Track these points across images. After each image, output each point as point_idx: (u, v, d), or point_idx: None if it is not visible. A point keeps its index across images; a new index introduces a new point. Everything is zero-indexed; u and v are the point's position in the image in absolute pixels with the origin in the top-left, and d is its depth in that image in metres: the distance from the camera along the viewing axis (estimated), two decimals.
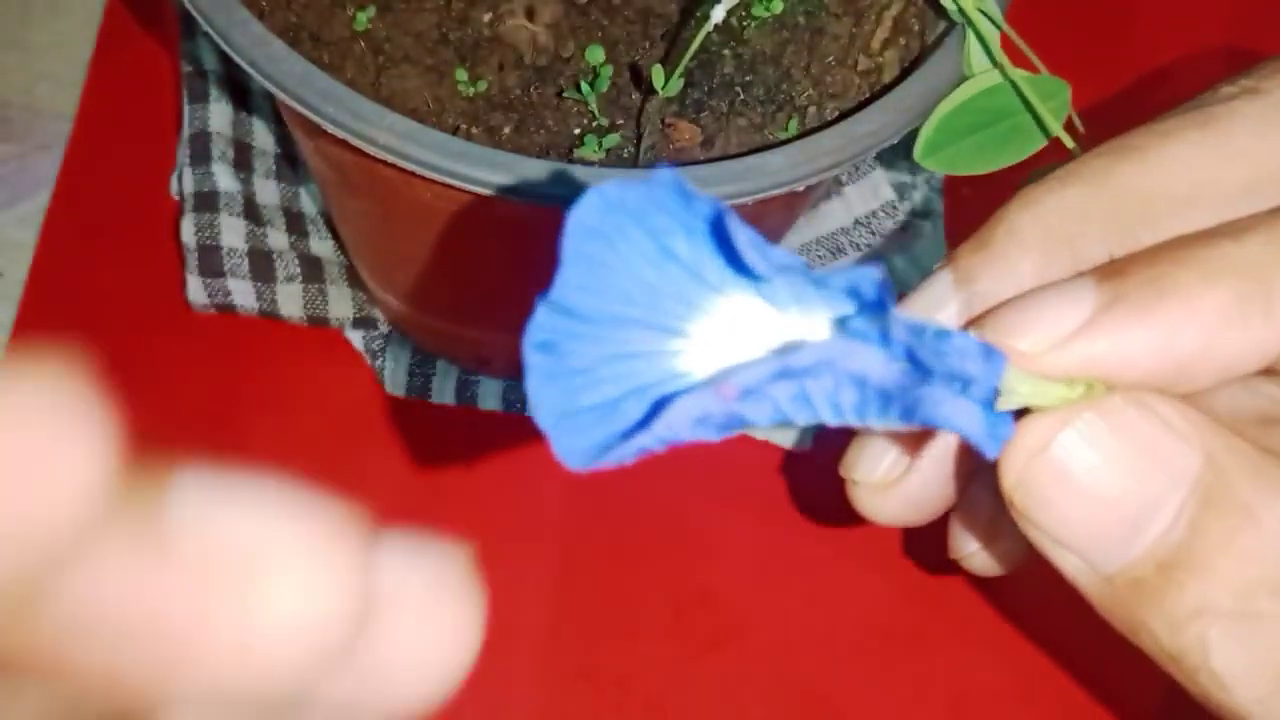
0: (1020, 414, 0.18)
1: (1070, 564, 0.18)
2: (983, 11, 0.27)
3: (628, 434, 0.16)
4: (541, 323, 0.17)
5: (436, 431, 0.41)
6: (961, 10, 0.28)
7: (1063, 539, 0.18)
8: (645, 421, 0.16)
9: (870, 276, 0.15)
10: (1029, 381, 0.17)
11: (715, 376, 0.16)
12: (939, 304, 0.20)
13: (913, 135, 0.28)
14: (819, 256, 0.43)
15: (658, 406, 0.16)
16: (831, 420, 0.16)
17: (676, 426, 0.16)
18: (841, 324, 0.16)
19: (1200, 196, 0.19)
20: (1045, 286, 0.19)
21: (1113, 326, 0.17)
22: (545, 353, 0.17)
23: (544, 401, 0.16)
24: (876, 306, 0.15)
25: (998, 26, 0.27)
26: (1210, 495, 0.17)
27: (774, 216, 0.33)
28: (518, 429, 0.42)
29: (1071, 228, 0.20)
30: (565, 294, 0.16)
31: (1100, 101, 0.48)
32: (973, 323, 0.19)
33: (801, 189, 0.27)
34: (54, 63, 0.47)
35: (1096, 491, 0.17)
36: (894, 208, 0.43)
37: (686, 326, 0.17)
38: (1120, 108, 0.44)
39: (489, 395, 0.42)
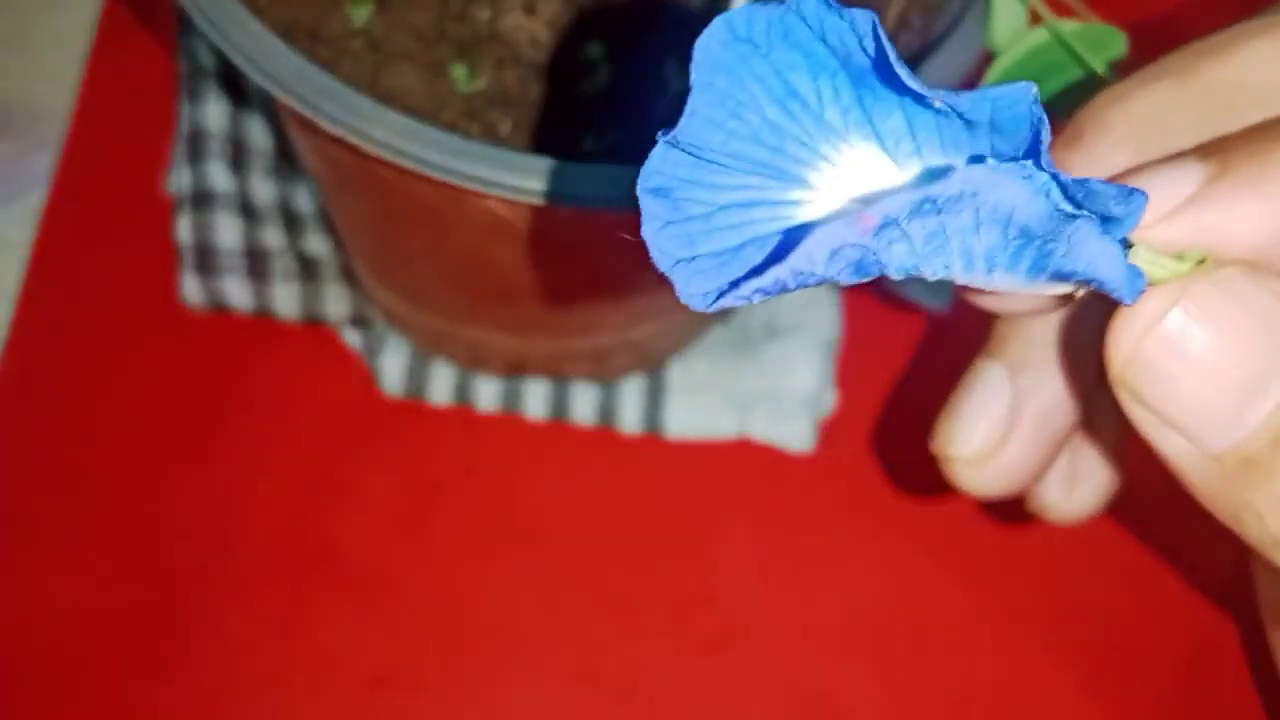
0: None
1: (1177, 447, 0.18)
2: None
3: (758, 270, 0.15)
4: (658, 165, 0.16)
5: (433, 431, 0.41)
6: None
7: (1173, 417, 0.17)
8: (777, 257, 0.15)
9: (1023, 107, 0.14)
10: (1147, 253, 0.17)
11: (853, 207, 0.15)
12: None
13: None
14: None
15: (787, 242, 0.15)
16: (961, 271, 0.15)
17: (814, 258, 0.14)
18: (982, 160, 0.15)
19: None
20: (1150, 163, 0.18)
21: (1220, 197, 0.17)
22: (660, 198, 0.16)
23: (661, 247, 0.16)
24: (1032, 147, 0.14)
25: None
26: None
27: None
28: (515, 429, 0.42)
29: (1161, 120, 0.19)
30: (690, 130, 0.15)
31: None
32: None
33: None
34: (51, 61, 0.47)
35: (1210, 365, 0.17)
36: None
37: (810, 175, 0.15)
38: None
39: (486, 395, 0.41)
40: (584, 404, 0.41)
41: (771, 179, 0.15)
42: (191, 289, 0.40)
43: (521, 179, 0.25)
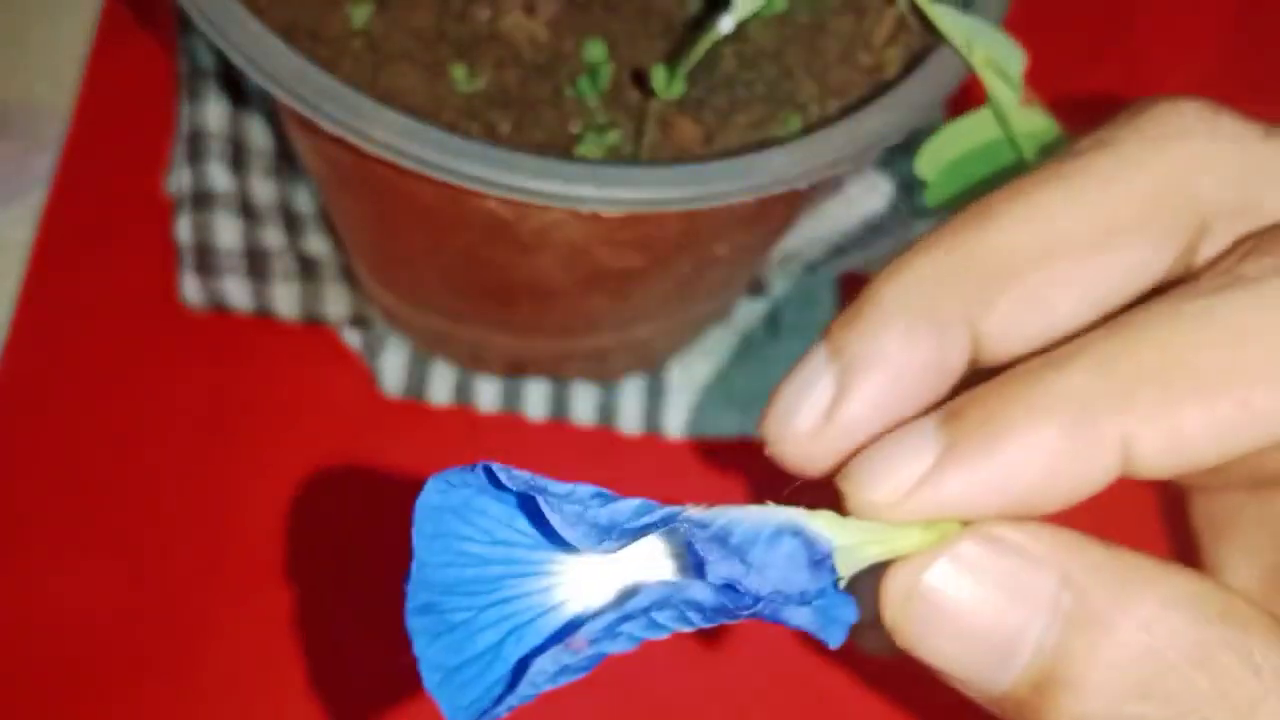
0: (886, 563, 0.19)
1: (963, 687, 0.20)
2: (999, 69, 0.27)
3: (502, 695, 0.17)
4: (415, 588, 0.19)
5: (433, 431, 0.41)
6: (973, 68, 0.27)
7: (947, 670, 0.19)
8: (513, 681, 0.17)
9: (665, 515, 0.17)
10: (882, 542, 0.19)
11: (563, 630, 0.18)
12: (814, 378, 0.22)
13: (915, 133, 0.28)
14: (821, 255, 0.43)
15: (524, 662, 0.17)
16: (691, 629, 0.18)
17: (540, 682, 0.17)
18: (674, 555, 0.18)
19: (1054, 251, 0.20)
20: (890, 435, 0.20)
21: (954, 471, 0.18)
22: (426, 614, 0.18)
23: (430, 660, 0.18)
24: (691, 547, 0.17)
25: (1012, 86, 0.27)
26: (1071, 615, 0.18)
27: (775, 215, 0.32)
28: (516, 429, 0.42)
29: (930, 296, 0.20)
30: (428, 560, 0.18)
31: (1102, 95, 0.47)
32: (837, 403, 0.21)
33: (804, 187, 0.27)
34: (51, 61, 0.47)
35: (966, 627, 0.19)
36: (895, 207, 0.43)
37: (550, 567, 0.18)
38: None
39: (486, 396, 0.41)
40: (584, 404, 0.42)
41: (520, 578, 0.18)
42: (191, 289, 0.40)
43: (521, 179, 0.25)
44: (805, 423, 0.22)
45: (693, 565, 0.18)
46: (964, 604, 0.19)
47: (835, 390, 0.21)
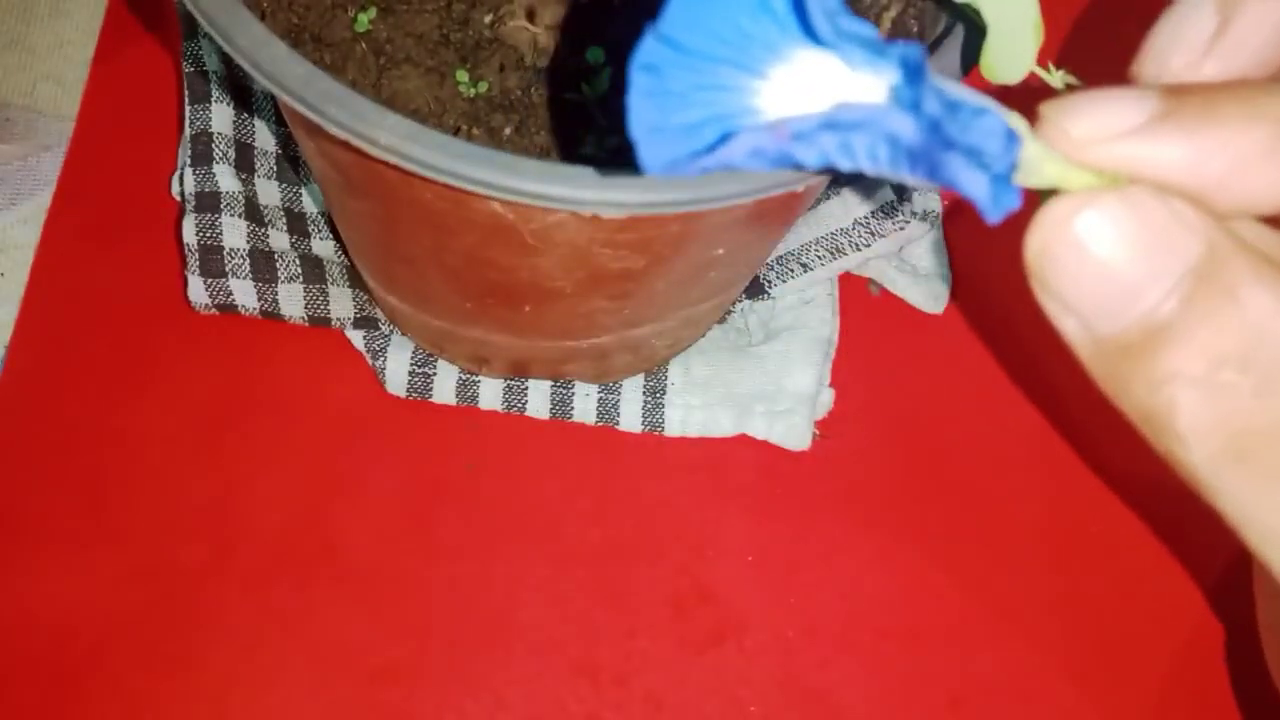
0: (1049, 195, 0.20)
1: (1071, 327, 0.20)
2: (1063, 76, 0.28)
3: (699, 154, 0.19)
4: (649, 48, 0.19)
5: (437, 431, 0.42)
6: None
7: (1070, 302, 0.20)
8: (714, 146, 0.19)
9: (915, 52, 0.18)
10: (1062, 166, 0.20)
11: (776, 120, 0.19)
12: (1194, 12, 0.22)
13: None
14: (818, 256, 0.44)
15: (727, 136, 0.19)
16: (868, 168, 0.19)
17: (735, 154, 0.19)
18: (893, 90, 0.19)
19: None
20: (1116, 88, 0.21)
21: (1159, 136, 0.20)
22: (648, 73, 0.19)
23: (640, 115, 0.19)
24: (915, 76, 0.18)
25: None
26: (1204, 277, 0.19)
27: (772, 216, 0.33)
28: (518, 429, 0.42)
29: None
30: (671, 28, 0.19)
31: None
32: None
33: (800, 189, 0.27)
34: (56, 63, 0.47)
35: (1106, 263, 0.20)
36: (894, 208, 0.44)
37: (768, 70, 0.19)
38: None
39: (489, 395, 0.42)
40: (585, 403, 0.42)
41: (738, 70, 0.19)
42: (197, 290, 0.40)
43: (523, 182, 0.25)
44: (1183, 58, 0.22)
45: (906, 103, 0.19)
46: (1114, 237, 0.20)
47: (1218, 23, 0.22)
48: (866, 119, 0.19)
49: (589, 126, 0.30)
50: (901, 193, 0.44)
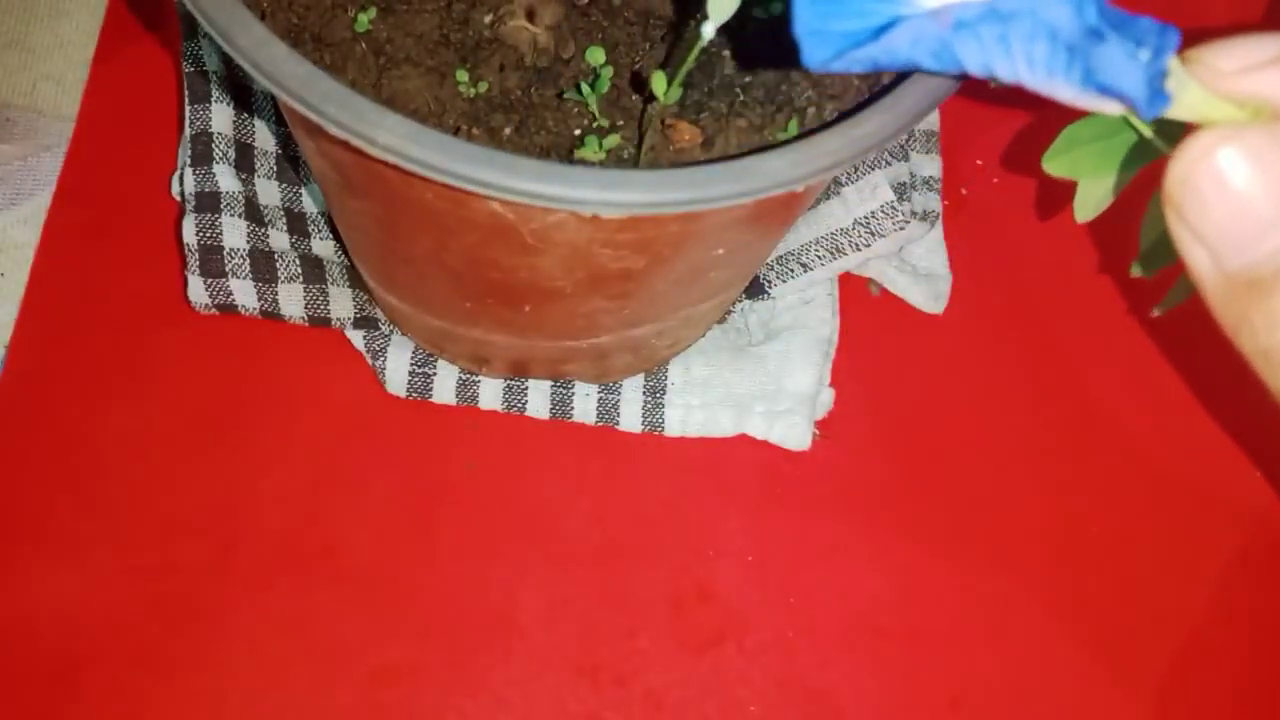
0: (1189, 129, 0.20)
1: (1200, 261, 0.21)
2: None
3: (862, 42, 0.20)
4: None
5: (437, 430, 0.42)
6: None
7: (1203, 233, 0.20)
8: (879, 33, 0.20)
9: None
10: (1204, 98, 0.20)
11: (939, 7, 0.20)
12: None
13: (910, 136, 0.28)
14: (818, 256, 0.44)
15: (891, 24, 0.20)
16: (1025, 71, 0.19)
17: (897, 40, 0.19)
18: None
19: None
20: (1258, 33, 0.21)
21: None
22: None
23: (804, 19, 0.20)
24: None
25: None
26: None
27: (772, 216, 0.33)
28: (518, 429, 0.42)
29: None
30: None
31: None
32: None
33: (800, 189, 0.27)
34: (56, 64, 0.47)
35: (1242, 196, 0.20)
36: (893, 208, 0.44)
37: None
38: None
39: (489, 395, 0.42)
40: (585, 403, 0.42)
41: None
42: (197, 290, 0.40)
43: (523, 182, 0.25)
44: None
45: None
46: (1252, 171, 0.20)
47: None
48: (1026, 6, 0.19)
49: (589, 127, 0.30)
50: (902, 193, 0.44)
